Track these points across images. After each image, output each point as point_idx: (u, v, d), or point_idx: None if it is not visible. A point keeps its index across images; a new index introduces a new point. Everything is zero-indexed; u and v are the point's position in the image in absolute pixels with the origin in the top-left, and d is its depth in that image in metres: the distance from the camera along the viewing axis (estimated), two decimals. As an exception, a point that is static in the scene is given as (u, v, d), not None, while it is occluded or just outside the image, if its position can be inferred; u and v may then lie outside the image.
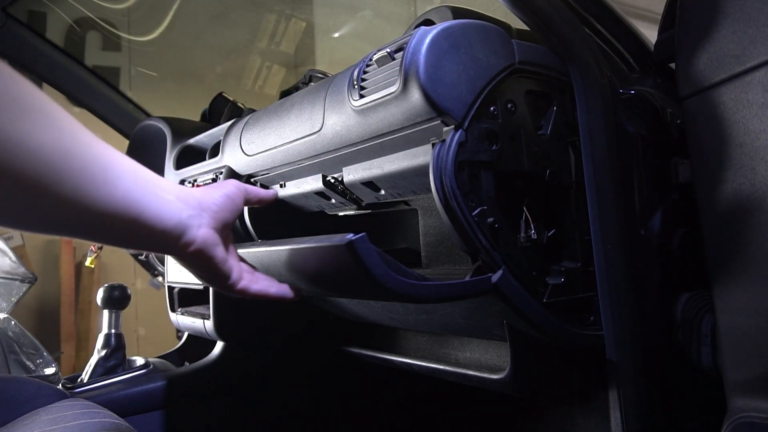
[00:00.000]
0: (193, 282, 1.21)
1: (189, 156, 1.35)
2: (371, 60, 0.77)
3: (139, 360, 1.29)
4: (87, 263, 1.82)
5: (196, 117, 1.60)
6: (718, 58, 0.71)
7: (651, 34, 0.97)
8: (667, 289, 0.82)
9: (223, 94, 1.56)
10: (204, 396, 1.20)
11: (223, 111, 1.51)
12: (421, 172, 0.77)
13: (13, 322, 1.56)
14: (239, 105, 1.53)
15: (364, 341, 1.15)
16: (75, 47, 2.90)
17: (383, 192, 0.88)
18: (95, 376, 1.25)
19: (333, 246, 0.61)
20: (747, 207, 0.70)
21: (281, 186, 1.06)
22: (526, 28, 0.81)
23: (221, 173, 1.15)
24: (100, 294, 1.32)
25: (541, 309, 0.74)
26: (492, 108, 0.71)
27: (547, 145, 0.77)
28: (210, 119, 1.56)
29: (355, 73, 0.79)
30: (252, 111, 1.39)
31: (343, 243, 0.58)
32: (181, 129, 1.42)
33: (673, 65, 0.81)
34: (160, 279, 1.71)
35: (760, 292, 0.69)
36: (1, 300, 1.75)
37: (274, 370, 1.26)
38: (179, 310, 1.27)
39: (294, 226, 1.13)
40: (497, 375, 0.82)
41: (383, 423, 1.37)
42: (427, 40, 0.68)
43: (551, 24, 0.77)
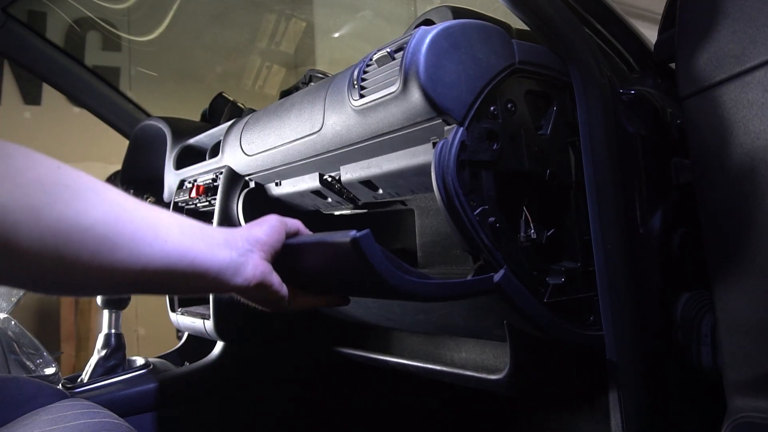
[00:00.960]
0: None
1: (189, 156, 1.35)
2: (371, 60, 0.77)
3: (139, 360, 1.29)
4: (87, 263, 1.82)
5: (196, 117, 1.60)
6: (718, 58, 0.71)
7: (651, 34, 0.97)
8: (667, 289, 0.82)
9: (223, 94, 1.56)
10: (204, 396, 1.20)
11: (223, 111, 1.51)
12: (421, 171, 0.77)
13: (13, 322, 1.56)
14: (239, 105, 1.53)
15: (361, 343, 1.15)
16: (75, 47, 2.90)
17: (381, 191, 0.88)
18: (95, 376, 1.24)
19: (337, 242, 0.60)
20: (747, 207, 0.69)
21: (276, 184, 1.06)
22: (526, 28, 0.81)
23: (221, 173, 1.15)
24: (100, 294, 1.32)
25: (543, 309, 0.74)
26: (492, 108, 0.72)
27: (547, 145, 0.77)
28: (210, 119, 1.56)
29: (355, 73, 0.79)
30: (252, 111, 1.39)
31: (347, 239, 0.58)
32: (181, 129, 1.42)
33: (673, 65, 0.81)
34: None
35: (760, 292, 0.69)
36: (1, 300, 1.74)
37: (274, 370, 1.26)
38: (179, 310, 1.27)
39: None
40: (496, 375, 0.81)
41: (383, 423, 1.37)
42: (427, 40, 0.68)
43: (551, 24, 0.77)
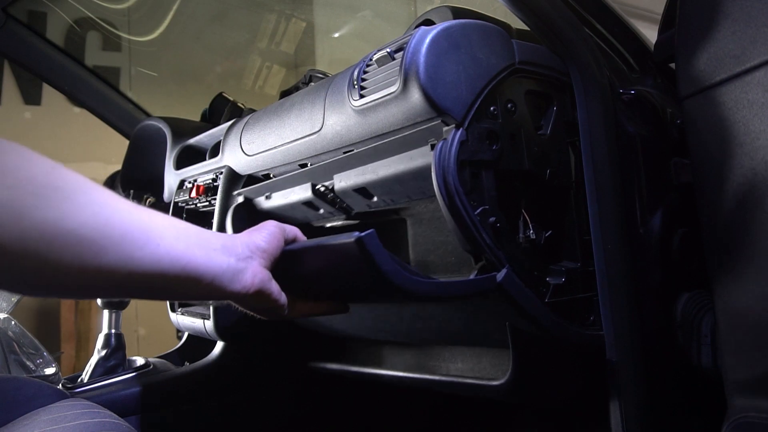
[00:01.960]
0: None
1: (189, 156, 1.35)
2: (371, 60, 0.77)
3: (139, 360, 1.29)
4: (87, 263, 1.82)
5: (196, 117, 1.60)
6: (718, 58, 0.71)
7: (651, 34, 0.97)
8: (667, 289, 0.82)
9: (223, 94, 1.56)
10: (204, 396, 1.20)
11: (223, 111, 1.51)
12: (419, 174, 0.76)
13: (13, 322, 1.56)
14: (239, 105, 1.53)
15: (355, 356, 1.14)
16: (75, 47, 2.90)
17: (376, 199, 0.86)
18: (95, 376, 1.24)
19: (341, 244, 0.60)
20: (747, 207, 0.69)
21: (267, 198, 1.05)
22: (526, 28, 0.81)
23: (221, 173, 1.15)
24: (100, 294, 1.31)
25: (545, 309, 0.74)
26: (492, 108, 0.71)
27: (547, 145, 0.77)
28: (210, 119, 1.56)
29: (355, 73, 0.79)
30: (252, 111, 1.39)
31: (352, 240, 0.58)
32: (181, 129, 1.42)
33: (673, 65, 0.81)
34: (160, 279, 1.70)
35: (760, 292, 0.69)
36: (1, 300, 1.74)
37: (274, 370, 1.26)
38: (179, 310, 1.27)
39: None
40: (497, 381, 0.81)
41: (382, 424, 1.37)
42: (427, 40, 0.68)
43: (551, 24, 0.77)
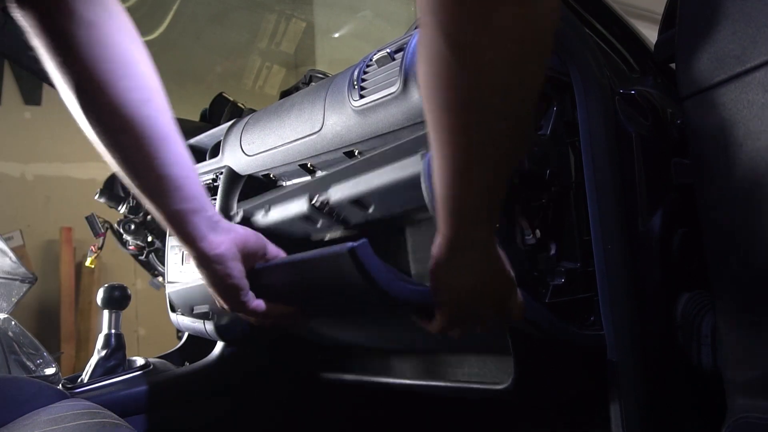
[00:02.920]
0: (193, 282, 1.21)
1: (189, 156, 1.35)
2: (371, 60, 0.77)
3: (139, 360, 1.29)
4: (87, 263, 1.82)
5: (196, 117, 1.60)
6: (718, 58, 0.71)
7: (651, 34, 0.97)
8: (667, 289, 0.82)
9: (223, 94, 1.56)
10: (204, 396, 1.20)
11: (223, 111, 1.52)
12: (411, 184, 0.74)
13: (13, 322, 1.56)
14: (239, 105, 1.53)
15: (360, 364, 1.13)
16: (75, 47, 2.89)
17: (372, 210, 0.85)
18: (95, 376, 1.24)
19: (334, 255, 0.60)
20: (747, 207, 0.69)
21: (265, 212, 1.03)
22: (526, 28, 0.81)
23: (221, 173, 1.15)
24: (100, 294, 1.32)
25: (544, 310, 0.73)
26: (492, 108, 0.71)
27: (547, 145, 0.77)
28: (210, 119, 1.56)
29: (355, 74, 0.79)
30: (252, 111, 1.39)
31: (345, 251, 0.58)
32: (181, 129, 1.41)
33: (673, 65, 0.81)
34: (160, 279, 1.71)
35: (759, 292, 0.69)
36: (1, 300, 1.74)
37: (274, 369, 1.26)
38: (179, 310, 1.27)
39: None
40: (501, 385, 0.81)
41: (382, 424, 1.37)
42: (427, 40, 0.67)
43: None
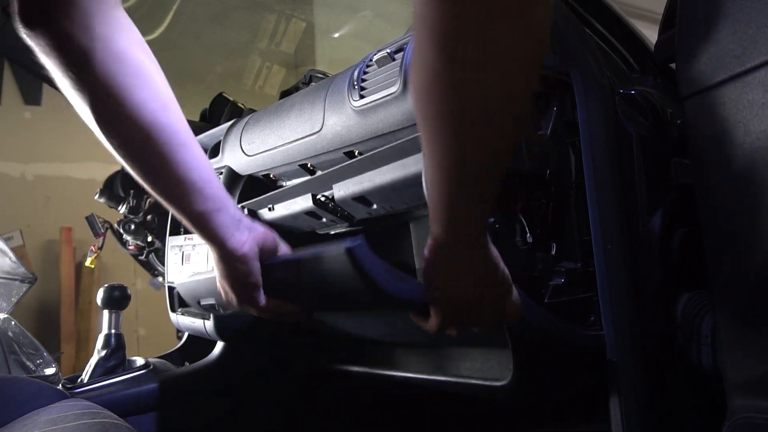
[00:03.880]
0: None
1: (189, 156, 1.34)
2: (371, 60, 0.77)
3: (139, 360, 1.29)
4: (87, 263, 1.82)
5: (196, 117, 1.60)
6: (718, 58, 0.71)
7: (651, 34, 0.97)
8: (667, 289, 0.82)
9: (223, 94, 1.56)
10: (204, 396, 1.20)
11: (223, 111, 1.51)
12: (414, 181, 0.76)
13: (13, 322, 1.56)
14: (239, 105, 1.53)
15: (363, 356, 1.13)
16: (75, 47, 2.89)
17: (375, 206, 0.86)
18: (95, 376, 1.24)
19: (331, 254, 0.60)
20: (747, 207, 0.69)
21: (269, 209, 1.05)
22: (526, 28, 0.81)
23: (221, 173, 1.15)
24: (100, 294, 1.32)
25: (543, 310, 0.74)
26: (492, 108, 0.71)
27: (547, 145, 0.77)
28: (210, 119, 1.56)
29: (356, 74, 0.79)
30: (252, 111, 1.39)
31: (342, 250, 0.58)
32: (181, 129, 1.41)
33: (674, 65, 0.81)
34: (160, 279, 1.71)
35: (760, 292, 0.69)
36: (1, 300, 1.74)
37: (274, 369, 1.26)
38: (179, 310, 1.27)
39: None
40: (500, 382, 0.81)
41: (382, 424, 1.37)
42: (427, 40, 0.67)
43: (551, 24, 0.77)
